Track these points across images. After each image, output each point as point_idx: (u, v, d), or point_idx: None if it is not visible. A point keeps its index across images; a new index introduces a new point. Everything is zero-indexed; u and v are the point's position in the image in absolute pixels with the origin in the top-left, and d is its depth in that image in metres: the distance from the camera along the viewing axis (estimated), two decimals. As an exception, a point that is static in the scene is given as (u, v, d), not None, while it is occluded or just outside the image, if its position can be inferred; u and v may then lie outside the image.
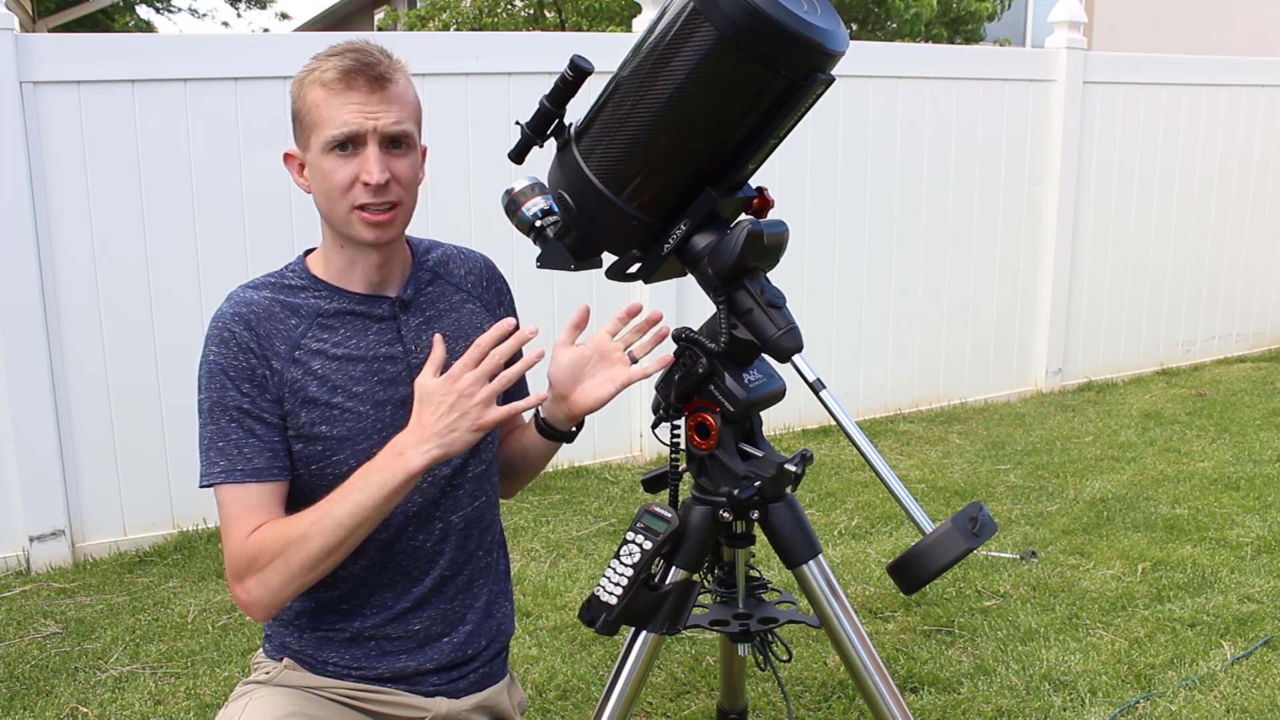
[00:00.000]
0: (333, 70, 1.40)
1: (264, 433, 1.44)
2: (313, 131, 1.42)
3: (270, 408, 1.45)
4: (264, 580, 1.38)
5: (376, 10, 17.12)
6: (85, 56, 3.46)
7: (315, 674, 1.54)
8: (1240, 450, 4.40)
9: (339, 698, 1.53)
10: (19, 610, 3.16)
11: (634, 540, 1.39)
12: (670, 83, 1.26)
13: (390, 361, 1.50)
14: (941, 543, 1.22)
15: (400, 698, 1.54)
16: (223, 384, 1.43)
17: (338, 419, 1.45)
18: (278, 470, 1.44)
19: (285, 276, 1.52)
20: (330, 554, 1.37)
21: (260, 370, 1.44)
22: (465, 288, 1.62)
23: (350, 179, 1.41)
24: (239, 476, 1.42)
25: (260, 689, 1.52)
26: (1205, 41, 10.00)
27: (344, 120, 1.39)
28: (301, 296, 1.49)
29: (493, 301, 1.66)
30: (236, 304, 1.47)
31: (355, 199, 1.42)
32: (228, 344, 1.44)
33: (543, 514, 3.83)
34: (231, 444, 1.43)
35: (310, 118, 1.42)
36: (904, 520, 3.64)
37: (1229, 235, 6.03)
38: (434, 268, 1.60)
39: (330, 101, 1.40)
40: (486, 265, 1.68)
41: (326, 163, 1.41)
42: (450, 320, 1.57)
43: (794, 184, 4.62)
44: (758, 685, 2.57)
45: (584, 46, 2.06)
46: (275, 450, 1.44)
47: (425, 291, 1.57)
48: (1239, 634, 2.79)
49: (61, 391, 3.47)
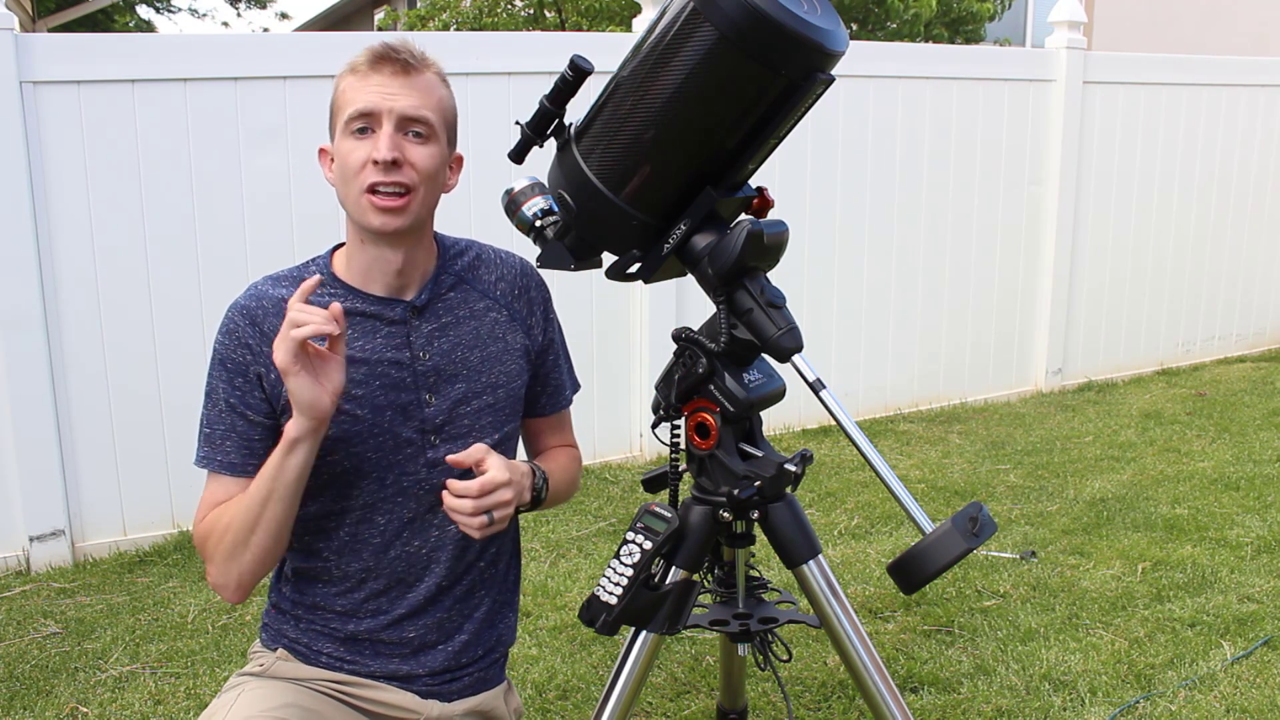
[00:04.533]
0: (364, 58, 1.43)
1: (244, 429, 1.47)
2: (338, 116, 1.44)
3: (258, 405, 1.46)
4: (213, 560, 1.45)
5: (376, 10, 17.13)
6: (85, 56, 3.45)
7: (309, 664, 1.54)
8: (1240, 450, 4.40)
9: (332, 691, 1.52)
10: (19, 610, 3.16)
11: (634, 540, 1.39)
12: (670, 82, 1.26)
13: (395, 366, 1.49)
14: (941, 543, 1.22)
15: (393, 695, 1.54)
16: (219, 373, 1.48)
17: (333, 420, 1.45)
18: (251, 468, 1.46)
19: (308, 270, 1.53)
20: (253, 528, 1.39)
21: (254, 368, 1.46)
22: (493, 295, 1.58)
23: (364, 159, 1.40)
24: (215, 466, 1.48)
25: (253, 680, 1.52)
26: (1205, 41, 10.00)
27: (362, 99, 1.40)
28: (317, 294, 1.48)
29: (523, 311, 1.61)
30: (249, 297, 1.50)
31: (366, 180, 1.40)
32: (230, 335, 1.48)
33: (543, 514, 3.83)
34: (217, 433, 1.48)
35: (337, 104, 1.45)
36: (904, 520, 3.64)
37: (1229, 235, 6.03)
38: (460, 272, 1.57)
39: (355, 85, 1.42)
40: (523, 271, 1.63)
41: (345, 144, 1.42)
42: (469, 328, 1.54)
43: (794, 184, 4.63)
44: (758, 685, 2.57)
45: (584, 46, 2.06)
46: (252, 448, 1.47)
47: (444, 297, 1.54)
48: (1239, 634, 2.79)
49: (61, 391, 3.47)
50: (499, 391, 1.56)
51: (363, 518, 1.50)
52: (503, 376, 1.56)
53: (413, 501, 1.51)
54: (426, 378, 1.50)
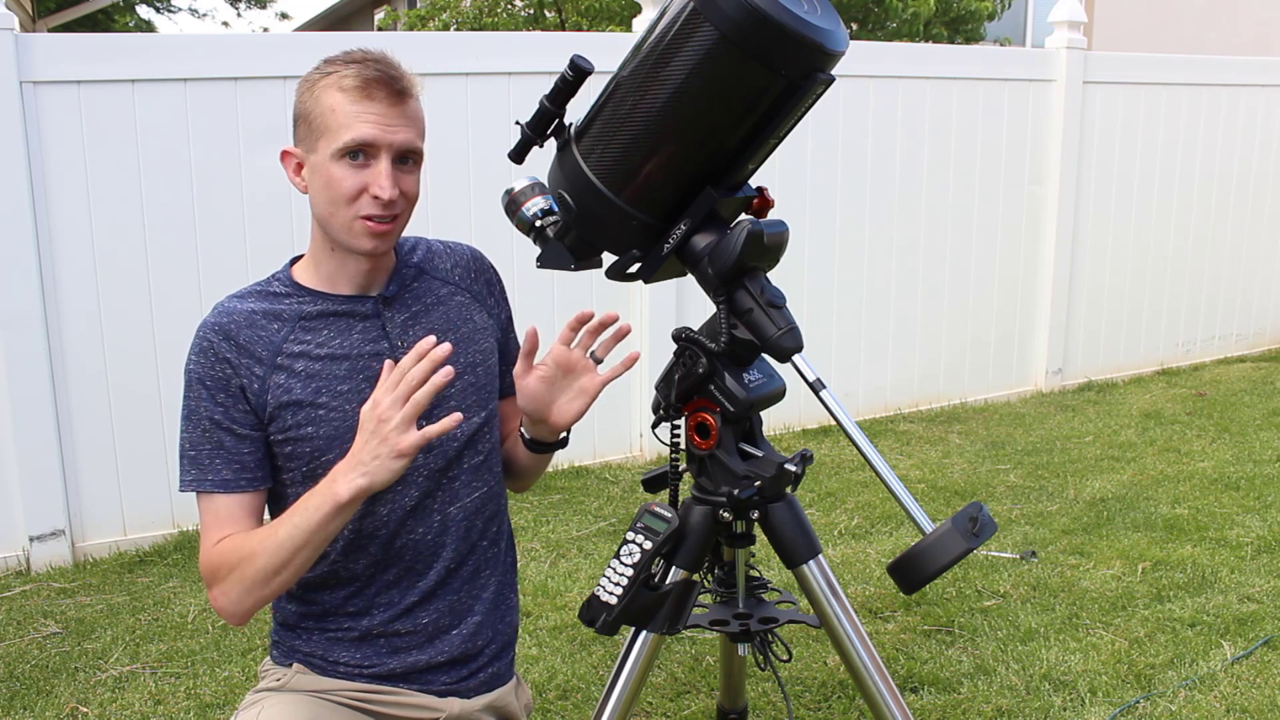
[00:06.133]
0: (354, 77, 1.40)
1: (232, 445, 1.45)
2: (323, 135, 1.42)
3: (244, 419, 1.45)
4: (226, 590, 1.41)
5: (376, 10, 17.12)
6: (85, 56, 3.46)
7: (326, 676, 1.54)
8: (1240, 450, 4.40)
9: (351, 701, 1.53)
10: (19, 610, 3.16)
11: (634, 540, 1.39)
12: (670, 83, 1.26)
13: (376, 359, 1.50)
14: (941, 543, 1.22)
15: (413, 698, 1.55)
16: (199, 393, 1.45)
17: (323, 419, 1.46)
18: (245, 482, 1.45)
19: (270, 285, 1.53)
20: (280, 571, 1.37)
21: (236, 381, 1.45)
22: (453, 280, 1.63)
23: (359, 188, 1.41)
24: (208, 486, 1.45)
25: (271, 696, 1.52)
26: (1205, 41, 10.00)
27: (361, 129, 1.39)
28: (285, 303, 1.50)
29: (482, 292, 1.66)
30: (219, 314, 1.49)
31: (361, 209, 1.42)
32: (206, 354, 1.46)
33: (543, 514, 3.83)
34: (203, 454, 1.45)
35: (323, 121, 1.42)
36: (904, 520, 3.64)
37: (1229, 235, 6.03)
38: (419, 264, 1.61)
39: (348, 108, 1.40)
40: (474, 256, 1.68)
41: (336, 169, 1.41)
42: (439, 314, 1.58)
43: (794, 184, 4.63)
44: (758, 685, 2.57)
45: (584, 46, 2.06)
46: (243, 463, 1.45)
47: (410, 288, 1.57)
48: (1239, 634, 2.79)
49: (61, 391, 3.47)
50: (478, 370, 1.60)
51: (366, 512, 1.50)
52: (478, 355, 1.60)
53: (413, 489, 1.52)
54: None
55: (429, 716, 1.55)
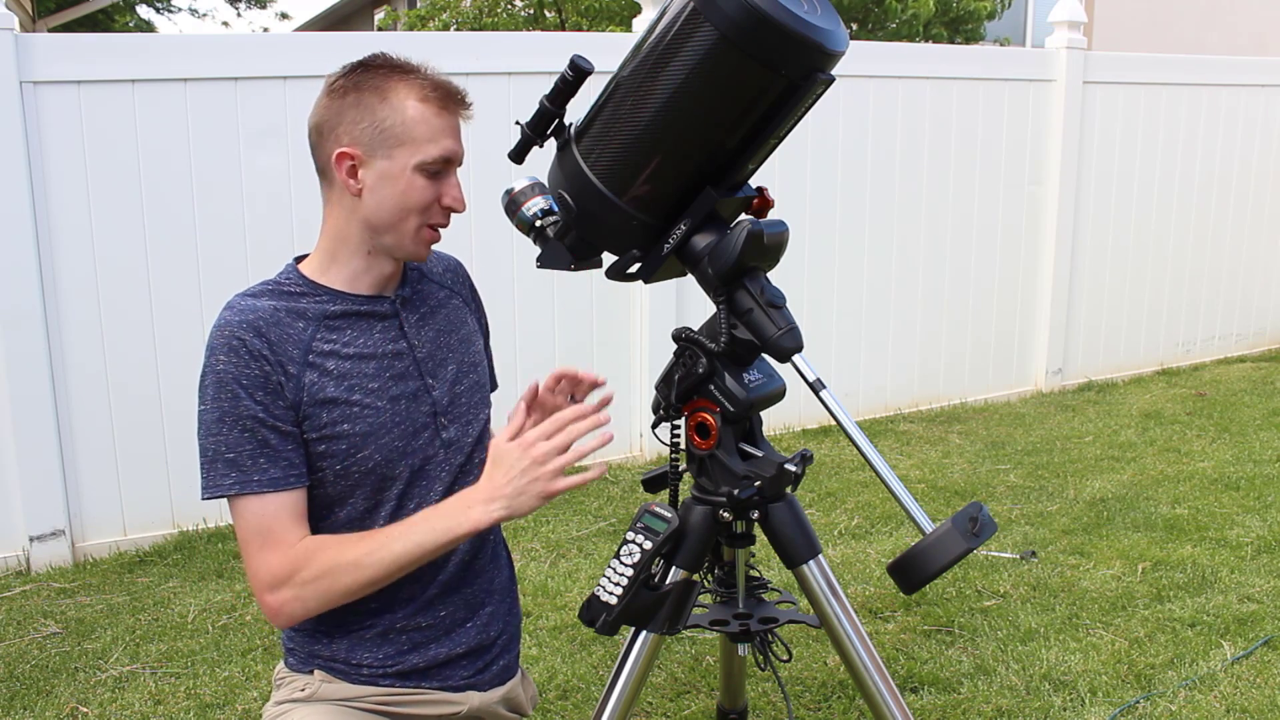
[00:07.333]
0: (434, 89, 1.45)
1: (278, 442, 1.42)
2: (406, 145, 1.43)
3: (285, 414, 1.43)
4: (301, 596, 1.40)
5: (377, 10, 17.13)
6: (85, 56, 3.46)
7: (350, 683, 1.54)
8: (1240, 450, 4.40)
9: (376, 707, 1.54)
10: (19, 610, 3.16)
11: (634, 540, 1.40)
12: (670, 83, 1.26)
13: (398, 358, 1.52)
14: (941, 543, 1.22)
15: (434, 695, 1.57)
16: (235, 394, 1.40)
17: (359, 416, 1.47)
18: (294, 479, 1.44)
19: (283, 284, 1.51)
20: (378, 584, 1.42)
21: (275, 377, 1.42)
22: (447, 284, 1.68)
23: (432, 198, 1.47)
24: (255, 487, 1.41)
25: (299, 708, 1.52)
26: (1205, 42, 10.00)
27: (448, 145, 1.46)
28: (304, 301, 1.49)
29: (468, 297, 1.72)
30: (242, 312, 1.44)
31: (430, 218, 1.48)
32: (237, 352, 1.41)
33: (543, 514, 3.83)
34: (245, 455, 1.41)
35: (409, 131, 1.42)
36: (904, 520, 3.64)
37: (1229, 235, 6.03)
38: (418, 268, 1.64)
39: (434, 122, 1.44)
40: (456, 264, 1.74)
41: (416, 180, 1.44)
42: (442, 315, 1.62)
43: (794, 184, 4.62)
44: (758, 685, 2.57)
45: (584, 46, 2.06)
46: (290, 460, 1.43)
47: (417, 289, 1.61)
48: (1239, 634, 2.79)
49: (61, 391, 3.47)
50: (479, 369, 1.65)
51: (397, 508, 1.51)
52: (476, 355, 1.66)
53: (437, 484, 1.54)
54: (426, 364, 1.55)
55: (450, 712, 1.58)
